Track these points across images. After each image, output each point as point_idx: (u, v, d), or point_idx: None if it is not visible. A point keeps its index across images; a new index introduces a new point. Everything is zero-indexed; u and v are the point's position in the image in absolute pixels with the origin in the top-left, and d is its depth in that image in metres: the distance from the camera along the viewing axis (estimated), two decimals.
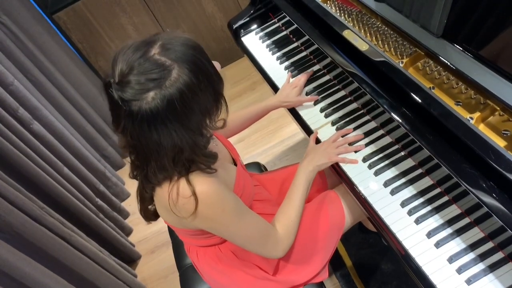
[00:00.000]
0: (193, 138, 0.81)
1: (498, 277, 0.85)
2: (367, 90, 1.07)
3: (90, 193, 2.01)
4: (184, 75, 0.76)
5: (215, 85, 0.82)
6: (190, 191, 0.84)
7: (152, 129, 0.77)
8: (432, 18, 0.96)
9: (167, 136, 0.78)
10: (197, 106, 0.78)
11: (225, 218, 0.90)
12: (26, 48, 2.01)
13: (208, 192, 0.86)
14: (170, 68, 0.76)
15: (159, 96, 0.75)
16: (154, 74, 0.75)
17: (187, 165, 0.85)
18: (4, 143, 1.51)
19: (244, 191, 1.05)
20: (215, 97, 0.83)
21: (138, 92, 0.75)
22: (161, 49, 0.78)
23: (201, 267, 1.17)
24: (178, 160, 0.83)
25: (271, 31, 1.61)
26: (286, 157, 2.22)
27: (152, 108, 0.75)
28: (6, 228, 1.30)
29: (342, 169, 1.13)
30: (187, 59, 0.77)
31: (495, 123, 0.89)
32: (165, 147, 0.80)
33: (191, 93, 0.76)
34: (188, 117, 0.78)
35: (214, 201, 0.87)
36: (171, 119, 0.76)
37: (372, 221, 1.04)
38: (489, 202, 0.79)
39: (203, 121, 0.82)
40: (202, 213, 0.87)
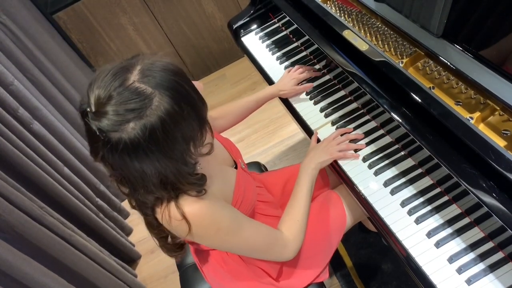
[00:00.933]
0: (176, 167, 0.77)
1: (498, 277, 0.85)
2: (367, 90, 1.07)
3: (90, 193, 2.01)
4: (165, 103, 0.72)
5: (198, 111, 0.78)
6: (180, 214, 0.82)
7: (133, 159, 0.73)
8: (432, 18, 0.96)
9: (150, 165, 0.75)
10: (180, 135, 0.74)
11: (221, 236, 0.89)
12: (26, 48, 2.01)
13: (199, 214, 0.84)
14: (151, 96, 0.71)
15: (139, 126, 0.70)
16: (133, 104, 0.70)
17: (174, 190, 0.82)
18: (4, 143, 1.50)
19: (245, 196, 1.03)
20: (199, 123, 0.78)
21: (117, 123, 0.70)
22: (141, 75, 0.73)
23: (205, 268, 1.16)
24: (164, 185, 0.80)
25: (271, 31, 1.61)
26: (286, 157, 2.22)
27: (132, 138, 0.71)
28: (6, 228, 1.30)
29: (342, 169, 1.13)
30: (168, 86, 0.73)
31: (495, 123, 0.89)
32: (148, 175, 0.76)
33: (173, 122, 0.72)
34: (171, 146, 0.74)
35: (206, 222, 0.85)
36: (152, 149, 0.72)
37: (372, 221, 1.04)
38: (489, 202, 0.79)
39: (187, 149, 0.78)
40: (197, 234, 0.86)
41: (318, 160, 1.13)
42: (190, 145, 0.78)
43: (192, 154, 0.79)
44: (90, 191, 2.03)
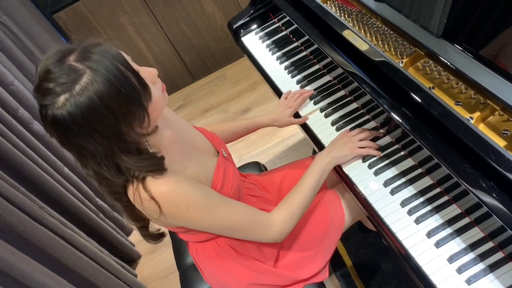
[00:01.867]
0: (113, 143, 0.79)
1: (498, 277, 0.85)
2: (367, 90, 1.07)
3: (90, 193, 2.01)
4: (95, 82, 0.74)
5: (133, 94, 0.78)
6: (148, 195, 0.85)
7: (68, 134, 0.77)
8: (432, 18, 0.96)
9: (84, 140, 0.77)
10: (109, 113, 0.75)
11: (193, 213, 0.89)
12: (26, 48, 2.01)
13: (166, 192, 0.86)
14: (81, 72, 0.74)
15: (69, 102, 0.74)
16: (64, 78, 0.74)
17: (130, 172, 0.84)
18: (4, 143, 1.50)
19: (226, 180, 1.02)
20: (136, 106, 0.79)
21: (50, 97, 0.75)
22: (79, 55, 0.76)
23: (201, 263, 1.16)
24: (117, 166, 0.83)
25: (271, 31, 1.61)
26: (286, 156, 2.22)
27: (63, 113, 0.74)
28: (6, 228, 1.30)
29: (342, 169, 1.13)
30: (104, 67, 0.75)
31: (495, 123, 0.89)
32: (92, 153, 0.80)
33: (101, 100, 0.74)
34: (100, 122, 0.76)
35: (174, 199, 0.87)
36: (82, 123, 0.75)
37: (372, 221, 1.04)
38: (489, 202, 0.79)
39: (119, 128, 0.78)
40: (168, 213, 0.88)
41: (337, 154, 1.09)
42: (124, 125, 0.78)
43: (129, 134, 0.80)
44: (90, 191, 2.03)
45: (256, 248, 1.11)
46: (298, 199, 1.04)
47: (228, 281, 1.13)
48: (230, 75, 2.84)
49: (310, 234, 1.15)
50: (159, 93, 0.86)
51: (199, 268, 1.20)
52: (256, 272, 1.11)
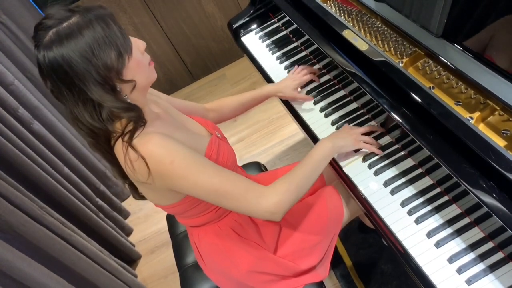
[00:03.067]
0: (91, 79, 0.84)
1: (498, 277, 0.85)
2: (367, 90, 1.07)
3: (90, 193, 2.01)
4: (82, 22, 0.82)
5: (117, 42, 0.86)
6: (136, 154, 0.87)
7: (52, 71, 0.82)
8: (432, 18, 0.96)
9: (66, 77, 0.83)
10: (91, 52, 0.82)
11: (178, 170, 0.89)
12: (26, 48, 2.01)
13: (151, 148, 0.88)
14: (73, 14, 0.83)
15: (55, 35, 0.81)
16: (59, 16, 0.83)
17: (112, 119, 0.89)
18: (4, 143, 1.51)
19: (219, 156, 1.03)
20: (117, 54, 0.85)
21: (42, 32, 0.82)
22: (79, 6, 0.87)
23: (202, 250, 1.16)
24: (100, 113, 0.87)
25: (271, 31, 1.61)
26: (286, 156, 2.22)
27: (49, 51, 0.81)
28: (6, 228, 1.30)
29: (342, 169, 1.13)
30: (94, 14, 0.84)
31: (495, 122, 0.89)
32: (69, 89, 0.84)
33: (85, 39, 0.82)
34: (81, 57, 0.82)
35: (158, 155, 0.88)
36: (66, 59, 0.81)
37: (372, 221, 1.04)
38: (489, 202, 0.79)
39: (98, 67, 0.84)
40: (155, 171, 0.88)
41: (339, 142, 1.07)
42: (102, 64, 0.84)
43: (107, 75, 0.85)
44: (90, 191, 2.03)
45: (256, 233, 1.11)
46: (296, 177, 0.99)
47: (229, 267, 1.13)
48: (230, 75, 2.84)
49: (309, 227, 1.16)
50: (145, 61, 0.92)
51: (199, 257, 1.19)
52: (257, 257, 1.11)
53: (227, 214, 1.10)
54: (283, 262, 1.13)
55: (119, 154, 0.92)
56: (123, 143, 0.90)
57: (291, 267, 1.13)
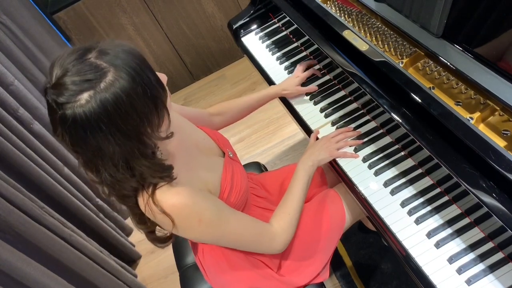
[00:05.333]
0: (132, 146, 0.77)
1: (498, 277, 0.85)
2: (367, 90, 1.07)
3: (90, 193, 2.01)
4: (121, 79, 0.73)
5: (155, 93, 0.78)
6: (159, 208, 0.84)
7: (88, 134, 0.73)
8: (432, 18, 0.96)
9: (105, 142, 0.74)
10: (134, 112, 0.74)
11: (204, 227, 0.89)
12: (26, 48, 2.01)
13: (178, 206, 0.85)
14: (106, 70, 0.73)
15: (93, 99, 0.71)
16: (89, 75, 0.72)
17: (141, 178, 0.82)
18: (4, 143, 1.50)
19: (234, 182, 1.03)
20: (155, 106, 0.78)
21: (71, 94, 0.71)
22: (99, 53, 0.75)
23: (206, 265, 1.16)
24: (130, 170, 0.80)
25: (271, 31, 1.61)
26: (286, 157, 2.22)
27: (86, 111, 0.71)
28: (6, 228, 1.30)
29: (342, 169, 1.13)
30: (125, 63, 0.74)
31: (495, 123, 0.89)
32: (105, 154, 0.76)
33: (127, 97, 0.73)
34: (124, 121, 0.74)
35: (187, 213, 0.86)
36: (106, 122, 0.72)
37: (372, 221, 1.04)
38: (489, 202, 0.79)
39: (141, 128, 0.77)
40: (181, 226, 0.87)
41: (317, 158, 1.13)
42: (145, 125, 0.77)
43: (149, 135, 0.79)
44: (90, 191, 2.03)
45: None
46: (293, 205, 1.06)
47: (231, 282, 1.13)
48: (230, 75, 2.84)
49: (311, 235, 1.15)
50: (169, 100, 0.85)
51: (203, 270, 1.20)
52: (260, 275, 1.11)
53: None
54: (286, 280, 1.13)
55: (141, 201, 0.87)
56: (143, 191, 0.85)
57: (294, 283, 1.14)
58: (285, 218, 1.04)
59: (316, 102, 1.31)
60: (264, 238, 0.99)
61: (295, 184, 1.10)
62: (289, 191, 1.10)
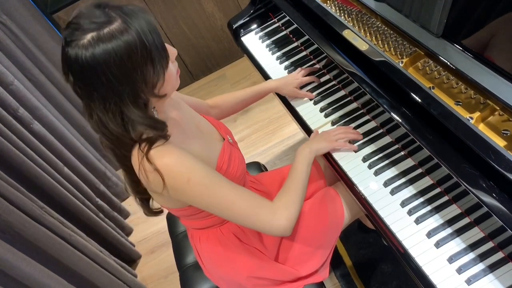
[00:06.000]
0: (124, 91, 0.81)
1: (498, 277, 0.85)
2: (367, 90, 1.07)
3: (90, 193, 2.01)
4: (125, 30, 0.78)
5: (155, 54, 0.82)
6: (152, 166, 0.86)
7: (84, 73, 0.79)
8: (432, 18, 0.96)
9: (99, 81, 0.79)
10: (130, 62, 0.79)
11: (193, 188, 0.89)
12: (26, 48, 2.01)
13: (169, 164, 0.87)
14: (114, 20, 0.79)
15: (95, 41, 0.77)
16: (97, 20, 0.78)
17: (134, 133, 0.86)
18: (4, 143, 1.51)
19: (231, 164, 1.03)
20: (152, 64, 0.82)
21: (78, 33, 0.78)
22: (114, 7, 0.81)
23: (203, 253, 1.16)
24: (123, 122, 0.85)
25: (271, 31, 1.61)
26: (286, 157, 2.22)
27: (85, 51, 0.77)
28: (6, 228, 1.30)
29: (342, 169, 1.13)
30: (134, 19, 0.80)
31: (495, 123, 0.89)
32: (100, 96, 0.81)
33: (126, 48, 0.78)
34: (119, 68, 0.79)
35: (176, 171, 0.88)
36: (102, 64, 0.78)
37: (372, 221, 1.04)
38: (489, 202, 0.79)
39: (135, 79, 0.81)
40: (170, 185, 0.88)
41: (315, 146, 1.12)
42: (140, 79, 0.82)
43: (142, 88, 0.83)
44: (90, 191, 2.03)
45: (258, 239, 1.11)
46: (295, 185, 1.03)
47: (229, 272, 1.13)
48: (230, 75, 2.84)
49: (310, 231, 1.15)
50: (174, 71, 0.90)
51: (199, 259, 1.20)
52: (257, 264, 1.11)
53: None
54: (284, 268, 1.13)
55: (135, 162, 0.90)
56: (139, 150, 0.88)
57: (292, 273, 1.13)
58: (286, 195, 1.00)
59: (316, 102, 1.31)
60: (263, 211, 0.95)
61: (294, 169, 1.07)
62: (289, 175, 1.07)
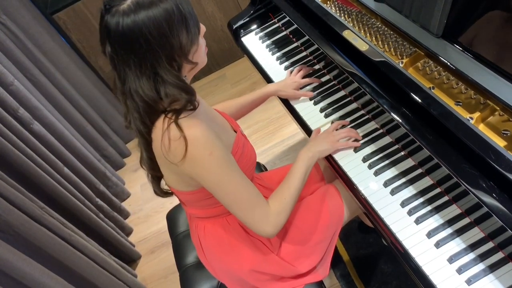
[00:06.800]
0: (162, 53, 0.84)
1: (498, 277, 0.85)
2: (367, 90, 1.07)
3: (90, 193, 2.01)
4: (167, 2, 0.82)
5: (191, 23, 0.87)
6: (179, 133, 0.88)
7: (124, 39, 0.82)
8: (432, 18, 0.96)
9: (137, 44, 0.82)
10: (168, 26, 0.83)
11: (212, 163, 0.91)
12: (26, 48, 2.01)
13: (197, 134, 0.89)
14: None
15: (135, 5, 0.81)
16: None
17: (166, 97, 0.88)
18: (4, 143, 1.51)
19: (243, 156, 1.05)
20: (187, 31, 0.87)
21: None
22: None
23: (207, 243, 1.16)
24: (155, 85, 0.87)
25: (271, 31, 1.61)
26: (286, 157, 2.22)
27: (126, 16, 0.80)
28: (6, 228, 1.30)
29: (342, 169, 1.13)
30: None
31: (495, 123, 0.89)
32: (136, 58, 0.84)
33: (165, 15, 0.82)
34: (158, 31, 0.82)
35: (202, 142, 0.89)
36: (141, 27, 0.81)
37: (372, 221, 1.04)
38: (489, 202, 0.79)
39: (173, 42, 0.85)
40: (191, 154, 0.89)
41: (318, 148, 1.13)
42: (177, 43, 0.86)
43: (178, 52, 0.87)
44: (90, 191, 2.03)
45: None
46: (290, 192, 1.04)
47: (231, 264, 1.13)
48: (230, 75, 2.84)
49: (309, 226, 1.16)
50: (203, 45, 0.97)
51: (201, 252, 1.19)
52: (261, 258, 1.11)
53: None
54: (285, 264, 1.13)
55: (157, 133, 0.92)
56: (165, 119, 0.90)
57: (292, 270, 1.14)
58: (281, 203, 1.02)
59: (316, 102, 1.31)
60: (259, 211, 0.97)
61: (293, 172, 1.08)
62: (287, 178, 1.08)
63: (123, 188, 2.39)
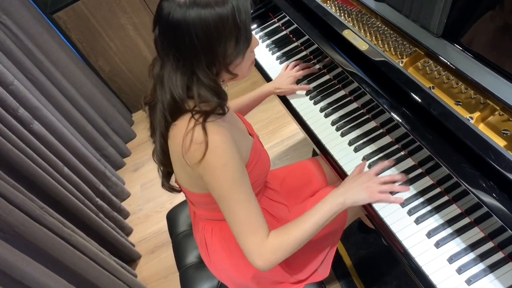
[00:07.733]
0: (204, 55, 0.83)
1: (498, 277, 0.85)
2: (367, 90, 1.07)
3: (90, 193, 2.01)
4: (222, 3, 0.79)
5: (243, 33, 0.84)
6: (203, 137, 0.86)
7: (170, 30, 0.81)
8: (432, 18, 0.96)
9: (182, 41, 0.81)
10: (217, 33, 0.81)
11: (223, 175, 0.88)
12: (26, 48, 2.01)
13: (219, 142, 0.87)
14: None
15: (191, 2, 0.79)
16: None
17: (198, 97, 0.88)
18: (4, 143, 1.50)
19: (259, 162, 1.04)
20: (239, 43, 0.84)
21: None
22: None
23: (212, 245, 1.14)
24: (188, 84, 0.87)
25: (271, 31, 1.61)
26: (286, 156, 2.22)
27: (178, 10, 0.79)
28: (6, 228, 1.30)
29: (342, 169, 1.13)
30: (241, 3, 0.81)
31: (495, 122, 0.89)
32: (179, 56, 0.84)
33: (217, 21, 0.79)
34: (206, 35, 0.80)
35: (221, 151, 0.87)
36: (191, 26, 0.79)
37: (372, 221, 1.04)
38: (489, 202, 0.79)
39: (217, 49, 0.83)
40: (206, 161, 0.87)
41: (353, 196, 1.00)
42: (222, 52, 0.84)
43: (220, 60, 0.86)
44: (90, 191, 2.03)
45: None
46: (298, 232, 0.95)
47: (237, 266, 1.12)
48: None
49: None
50: (250, 59, 0.93)
51: (205, 252, 1.18)
52: None
53: None
54: (287, 270, 1.13)
55: (177, 130, 0.90)
56: (191, 119, 0.88)
57: (294, 275, 1.14)
58: (282, 240, 0.93)
59: (316, 102, 1.31)
60: (254, 239, 0.91)
61: (314, 213, 0.98)
62: (304, 215, 0.98)
63: (123, 188, 2.39)
